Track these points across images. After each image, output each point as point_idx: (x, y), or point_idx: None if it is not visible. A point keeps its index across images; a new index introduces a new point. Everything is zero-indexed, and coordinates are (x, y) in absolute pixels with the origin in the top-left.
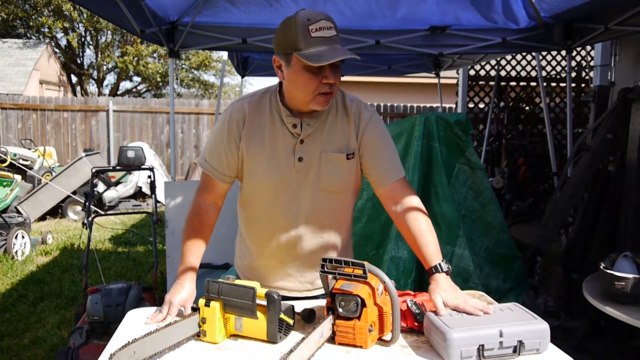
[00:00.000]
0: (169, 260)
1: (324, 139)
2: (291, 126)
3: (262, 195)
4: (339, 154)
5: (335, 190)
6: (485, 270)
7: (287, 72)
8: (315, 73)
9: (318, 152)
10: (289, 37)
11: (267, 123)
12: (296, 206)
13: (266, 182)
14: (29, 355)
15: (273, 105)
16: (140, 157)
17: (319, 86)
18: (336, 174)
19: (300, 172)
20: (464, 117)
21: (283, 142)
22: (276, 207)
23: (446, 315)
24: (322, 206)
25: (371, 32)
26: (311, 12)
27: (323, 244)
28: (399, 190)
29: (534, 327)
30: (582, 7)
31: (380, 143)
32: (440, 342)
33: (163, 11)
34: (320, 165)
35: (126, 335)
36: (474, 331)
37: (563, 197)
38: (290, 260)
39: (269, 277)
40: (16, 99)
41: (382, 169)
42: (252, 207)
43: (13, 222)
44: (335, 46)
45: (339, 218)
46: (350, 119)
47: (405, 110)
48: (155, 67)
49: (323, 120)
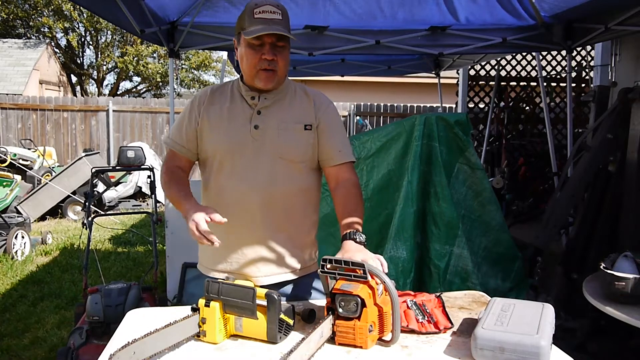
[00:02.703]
0: (169, 260)
1: (282, 112)
2: (249, 98)
3: (222, 162)
4: (299, 124)
5: (293, 158)
6: (483, 269)
7: (239, 50)
8: (256, 50)
9: (276, 123)
10: (240, 20)
11: (227, 99)
12: (254, 173)
13: (224, 146)
14: (29, 355)
15: (235, 86)
16: (140, 157)
17: (259, 62)
18: (294, 143)
19: (256, 140)
20: (464, 117)
21: (241, 112)
22: (235, 174)
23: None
24: (279, 174)
25: (371, 32)
26: (262, 0)
27: (283, 215)
28: (345, 171)
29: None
30: (582, 7)
31: (337, 125)
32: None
33: (163, 11)
34: (279, 134)
35: (126, 335)
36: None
37: (563, 197)
38: (250, 232)
39: (233, 260)
40: (16, 99)
41: (335, 148)
42: (215, 178)
43: (13, 222)
44: (273, 26)
45: (297, 187)
46: (310, 99)
47: (405, 110)
48: (155, 67)
49: (282, 98)
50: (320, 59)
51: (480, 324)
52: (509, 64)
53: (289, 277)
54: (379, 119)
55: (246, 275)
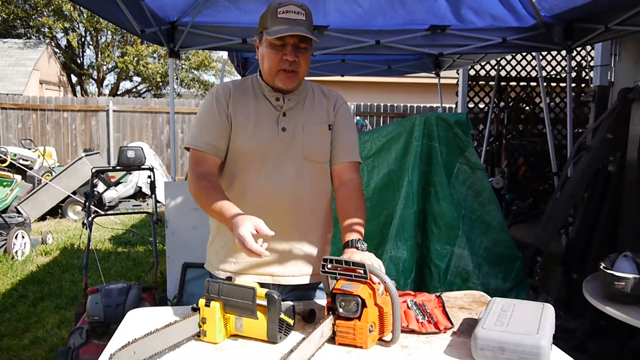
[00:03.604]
0: (169, 260)
1: (305, 113)
2: (274, 99)
3: (249, 163)
4: (322, 124)
5: (319, 159)
6: (484, 269)
7: (260, 50)
8: (278, 50)
9: (300, 124)
10: (262, 19)
11: (251, 97)
12: (281, 174)
13: (252, 148)
14: (29, 355)
15: (255, 84)
16: (140, 157)
17: (280, 62)
18: (318, 144)
19: (284, 142)
20: (464, 117)
21: (267, 113)
22: (262, 174)
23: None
24: (306, 175)
25: (371, 32)
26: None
27: (311, 216)
28: (350, 171)
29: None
30: (583, 7)
31: (348, 124)
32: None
33: (163, 11)
34: (304, 136)
35: (126, 335)
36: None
37: (563, 197)
38: (277, 234)
39: (258, 262)
40: (16, 99)
41: (344, 147)
42: (239, 178)
43: (13, 222)
44: (296, 27)
45: (321, 188)
46: (328, 98)
47: (405, 110)
48: (155, 67)
49: (302, 99)
50: (320, 59)
51: (480, 324)
52: (509, 64)
53: (311, 279)
54: (379, 119)
55: (273, 275)
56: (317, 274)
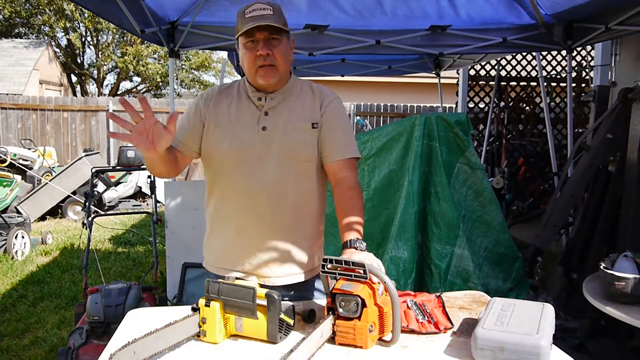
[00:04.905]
0: (169, 260)
1: (288, 112)
2: (256, 99)
3: (230, 164)
4: (305, 122)
5: (301, 158)
6: (484, 270)
7: (239, 55)
8: (250, 48)
9: (282, 123)
10: (236, 24)
11: (234, 99)
12: (262, 173)
13: (232, 149)
14: (29, 355)
15: (241, 86)
16: (140, 157)
17: (256, 59)
18: (302, 143)
19: (264, 141)
20: (464, 117)
21: (249, 113)
22: (245, 174)
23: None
24: (288, 174)
25: (371, 32)
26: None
27: (294, 215)
28: (343, 169)
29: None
30: (583, 7)
31: (339, 121)
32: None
33: (163, 11)
34: (286, 135)
35: (126, 335)
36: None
37: (563, 197)
38: (261, 234)
39: (242, 261)
40: (16, 99)
41: (335, 145)
42: (223, 179)
43: (13, 222)
44: (262, 20)
45: (306, 187)
46: (315, 95)
47: (405, 110)
48: (155, 67)
49: (288, 97)
50: (321, 59)
51: (480, 324)
52: (509, 64)
53: (300, 278)
54: (379, 119)
55: (259, 275)
56: (307, 271)
